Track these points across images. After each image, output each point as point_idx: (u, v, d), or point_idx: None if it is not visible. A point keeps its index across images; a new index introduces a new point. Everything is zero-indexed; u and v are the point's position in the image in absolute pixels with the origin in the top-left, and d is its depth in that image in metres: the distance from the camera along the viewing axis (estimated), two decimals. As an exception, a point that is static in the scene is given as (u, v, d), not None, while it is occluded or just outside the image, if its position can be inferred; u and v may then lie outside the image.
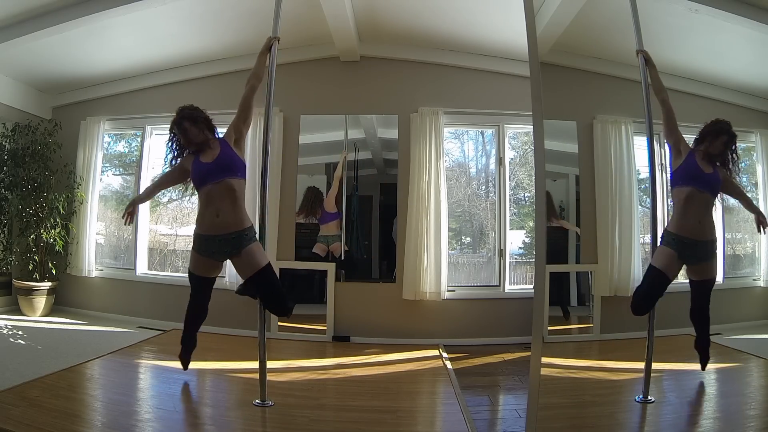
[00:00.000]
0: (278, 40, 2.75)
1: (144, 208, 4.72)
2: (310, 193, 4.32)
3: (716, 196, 2.68)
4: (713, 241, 2.68)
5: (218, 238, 2.56)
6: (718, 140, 2.64)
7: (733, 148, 2.68)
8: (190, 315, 2.78)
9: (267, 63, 2.73)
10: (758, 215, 2.80)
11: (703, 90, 4.49)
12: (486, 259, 4.44)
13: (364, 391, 2.84)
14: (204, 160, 2.59)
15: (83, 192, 4.66)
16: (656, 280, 2.66)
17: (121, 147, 5.14)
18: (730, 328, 4.27)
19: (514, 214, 4.46)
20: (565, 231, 4.31)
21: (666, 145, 2.94)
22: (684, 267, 2.74)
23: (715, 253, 2.71)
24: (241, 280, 2.69)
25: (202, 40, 4.22)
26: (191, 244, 2.70)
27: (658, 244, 2.71)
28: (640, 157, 4.19)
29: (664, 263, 2.65)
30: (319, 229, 4.28)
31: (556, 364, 3.39)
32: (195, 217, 2.68)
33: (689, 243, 2.62)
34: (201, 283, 2.72)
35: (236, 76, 4.45)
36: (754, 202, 4.77)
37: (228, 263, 2.90)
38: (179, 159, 2.71)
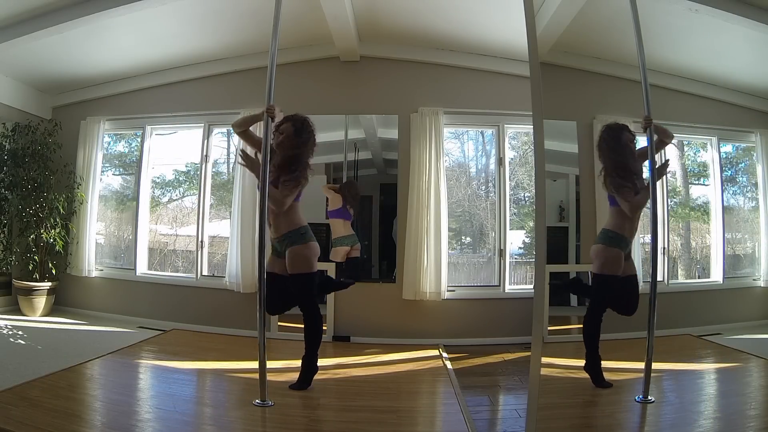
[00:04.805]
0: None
1: (144, 208, 4.73)
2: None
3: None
4: None
5: None
6: None
7: None
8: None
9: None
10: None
11: (703, 90, 4.50)
12: (486, 259, 4.44)
13: (364, 391, 2.84)
14: None
15: (83, 192, 4.66)
16: None
17: (121, 147, 5.14)
18: (730, 328, 4.28)
19: (514, 214, 4.46)
20: (565, 231, 4.31)
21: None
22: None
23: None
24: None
25: (202, 40, 4.22)
26: (309, 236, 2.77)
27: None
28: (640, 157, 4.19)
29: None
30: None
31: (556, 364, 3.38)
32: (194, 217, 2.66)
33: None
34: None
35: (236, 76, 4.46)
36: (754, 203, 4.80)
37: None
38: None
